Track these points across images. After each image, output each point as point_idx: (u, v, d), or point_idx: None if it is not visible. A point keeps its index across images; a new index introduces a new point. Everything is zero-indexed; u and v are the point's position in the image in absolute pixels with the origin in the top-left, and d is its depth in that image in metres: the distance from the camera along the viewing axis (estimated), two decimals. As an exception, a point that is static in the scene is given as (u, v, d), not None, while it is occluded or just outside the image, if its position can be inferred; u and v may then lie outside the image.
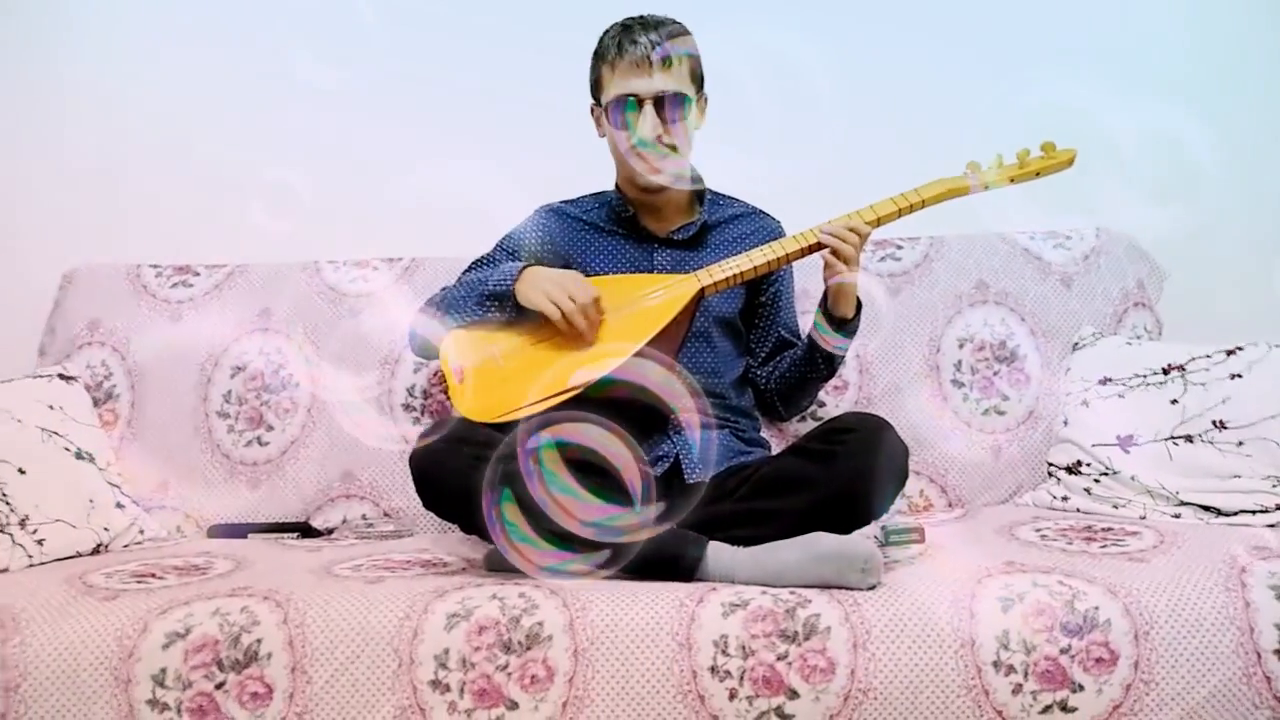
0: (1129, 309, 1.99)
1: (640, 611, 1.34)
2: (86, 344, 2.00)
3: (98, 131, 2.29)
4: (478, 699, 1.31)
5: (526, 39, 2.27)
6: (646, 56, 1.65)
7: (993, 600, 1.34)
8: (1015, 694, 1.30)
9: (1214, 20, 2.30)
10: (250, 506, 1.92)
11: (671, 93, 1.66)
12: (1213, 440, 1.71)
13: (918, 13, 2.30)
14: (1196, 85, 2.24)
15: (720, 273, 1.64)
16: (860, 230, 1.61)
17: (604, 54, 1.70)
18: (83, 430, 1.85)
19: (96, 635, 1.33)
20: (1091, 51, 2.27)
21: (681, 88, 1.68)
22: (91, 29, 2.31)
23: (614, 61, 1.67)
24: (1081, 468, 1.80)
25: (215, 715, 1.31)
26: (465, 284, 1.72)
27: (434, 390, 1.97)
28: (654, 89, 1.66)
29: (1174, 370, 1.79)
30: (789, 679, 1.30)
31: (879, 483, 1.49)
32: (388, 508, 1.90)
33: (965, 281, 2.01)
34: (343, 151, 2.28)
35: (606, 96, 1.69)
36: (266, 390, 1.98)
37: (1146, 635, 1.32)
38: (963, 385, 1.95)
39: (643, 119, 1.66)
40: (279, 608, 1.36)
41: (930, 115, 2.26)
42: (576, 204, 1.84)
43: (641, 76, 1.65)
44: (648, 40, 1.66)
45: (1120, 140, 2.12)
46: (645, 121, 1.65)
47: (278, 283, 2.05)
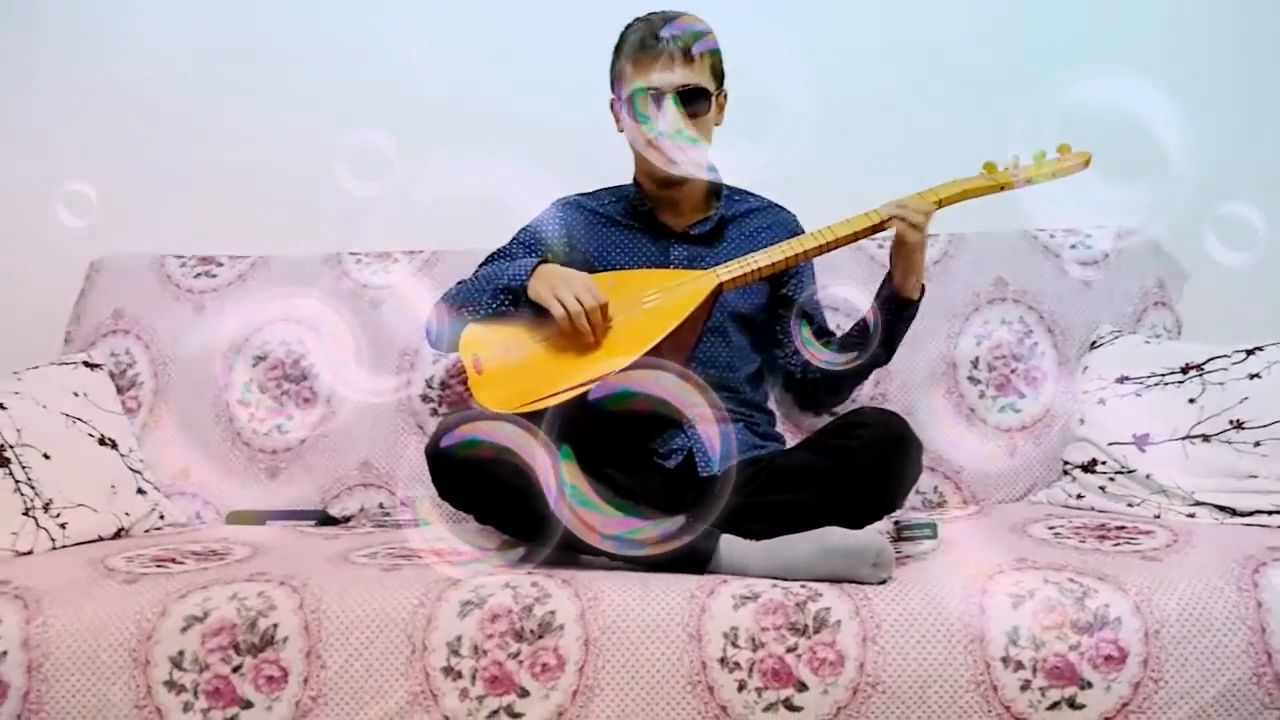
0: (1149, 308, 1.98)
1: (651, 602, 1.35)
2: (111, 332, 2.03)
3: (124, 123, 2.32)
4: (489, 686, 1.33)
5: (547, 30, 2.28)
6: (669, 51, 1.66)
7: (1003, 596, 1.34)
8: (1024, 690, 1.31)
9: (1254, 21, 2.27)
10: (269, 494, 1.94)
11: (693, 86, 1.67)
12: (1230, 440, 1.70)
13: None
14: (1220, 85, 2.22)
15: (739, 269, 1.64)
16: (911, 216, 1.60)
17: (625, 48, 1.71)
18: (106, 417, 1.88)
19: (116, 617, 1.36)
20: (1115, 48, 2.26)
21: (702, 82, 1.68)
22: (124, 22, 2.33)
23: (635, 56, 1.68)
24: (1097, 466, 1.79)
25: (231, 698, 1.33)
26: (481, 278, 1.74)
27: (452, 382, 1.98)
28: (675, 82, 1.66)
29: (1192, 369, 1.78)
30: (798, 671, 1.31)
31: (893, 478, 1.50)
32: (404, 497, 1.92)
33: (984, 279, 2.00)
34: (366, 143, 2.29)
35: (627, 90, 1.70)
36: (287, 380, 2.00)
37: (1157, 634, 1.31)
38: (979, 382, 1.95)
39: (663, 112, 1.66)
40: (295, 593, 1.38)
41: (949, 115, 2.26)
42: (594, 197, 1.85)
43: (663, 70, 1.66)
44: (670, 35, 1.66)
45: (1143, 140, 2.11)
46: (666, 115, 1.66)
47: (300, 274, 2.08)
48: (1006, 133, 1.78)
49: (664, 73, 1.66)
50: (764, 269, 1.64)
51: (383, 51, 2.26)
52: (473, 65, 2.28)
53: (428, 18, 2.30)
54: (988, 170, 1.65)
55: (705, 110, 1.69)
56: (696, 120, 1.68)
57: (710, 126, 1.73)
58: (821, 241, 1.64)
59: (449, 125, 2.29)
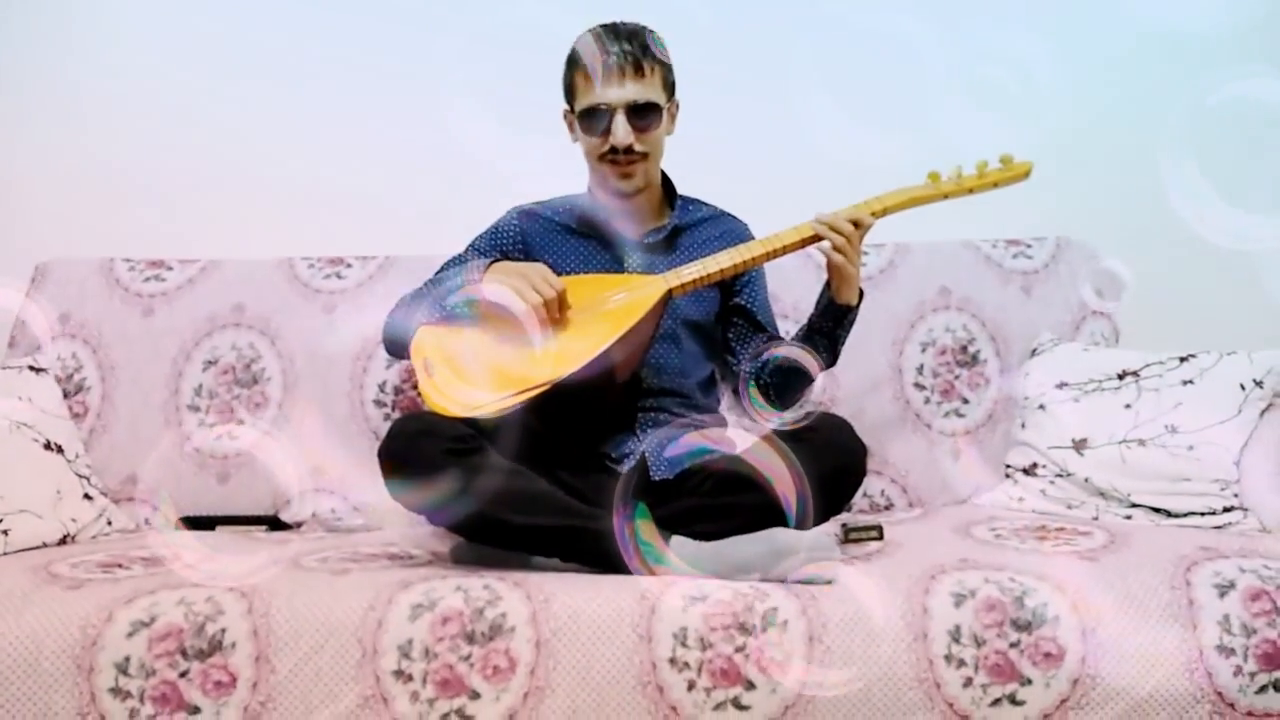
0: (1087, 316, 2.04)
1: (602, 604, 1.36)
2: (58, 336, 2.01)
3: (71, 125, 2.30)
4: (440, 689, 1.33)
5: (505, 39, 2.29)
6: (619, 66, 1.67)
7: (945, 596, 1.38)
8: (966, 687, 1.34)
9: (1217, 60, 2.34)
10: (220, 500, 1.93)
11: (643, 102, 1.69)
12: (1164, 444, 1.75)
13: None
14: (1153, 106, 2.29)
15: (688, 274, 1.67)
16: (863, 221, 1.63)
17: (577, 61, 1.72)
18: (52, 422, 1.86)
19: (60, 623, 1.34)
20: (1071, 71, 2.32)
21: (653, 96, 1.70)
22: (66, 25, 2.31)
23: (587, 70, 1.69)
24: (1038, 470, 1.84)
25: (178, 703, 1.32)
26: (435, 282, 1.74)
27: (405, 386, 1.99)
28: (626, 98, 1.68)
29: (1128, 376, 1.83)
30: (746, 671, 1.33)
31: (838, 481, 1.52)
32: (356, 502, 1.92)
33: (928, 288, 2.05)
34: (320, 148, 2.29)
35: (579, 104, 1.72)
36: (238, 384, 1.99)
37: (1093, 631, 1.35)
38: (924, 388, 1.99)
39: (615, 128, 1.68)
40: (244, 597, 1.37)
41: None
42: (549, 205, 1.86)
43: (613, 86, 1.67)
44: (620, 50, 1.67)
45: (1080, 151, 2.17)
46: (617, 131, 1.68)
47: (251, 278, 2.06)
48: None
49: (614, 88, 1.68)
50: (712, 274, 1.66)
51: (337, 54, 2.27)
52: (428, 71, 2.31)
53: (388, 17, 2.31)
54: (932, 179, 1.69)
55: (656, 125, 1.71)
56: (648, 134, 1.70)
57: (662, 138, 1.75)
58: (769, 249, 1.66)
59: (405, 131, 2.29)
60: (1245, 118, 2.34)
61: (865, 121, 2.29)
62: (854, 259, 1.64)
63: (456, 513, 1.49)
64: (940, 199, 1.68)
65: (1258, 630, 1.35)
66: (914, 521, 1.80)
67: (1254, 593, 1.37)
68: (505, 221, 1.84)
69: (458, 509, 1.49)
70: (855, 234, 1.63)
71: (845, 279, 1.66)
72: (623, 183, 1.73)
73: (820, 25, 2.34)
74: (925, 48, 2.34)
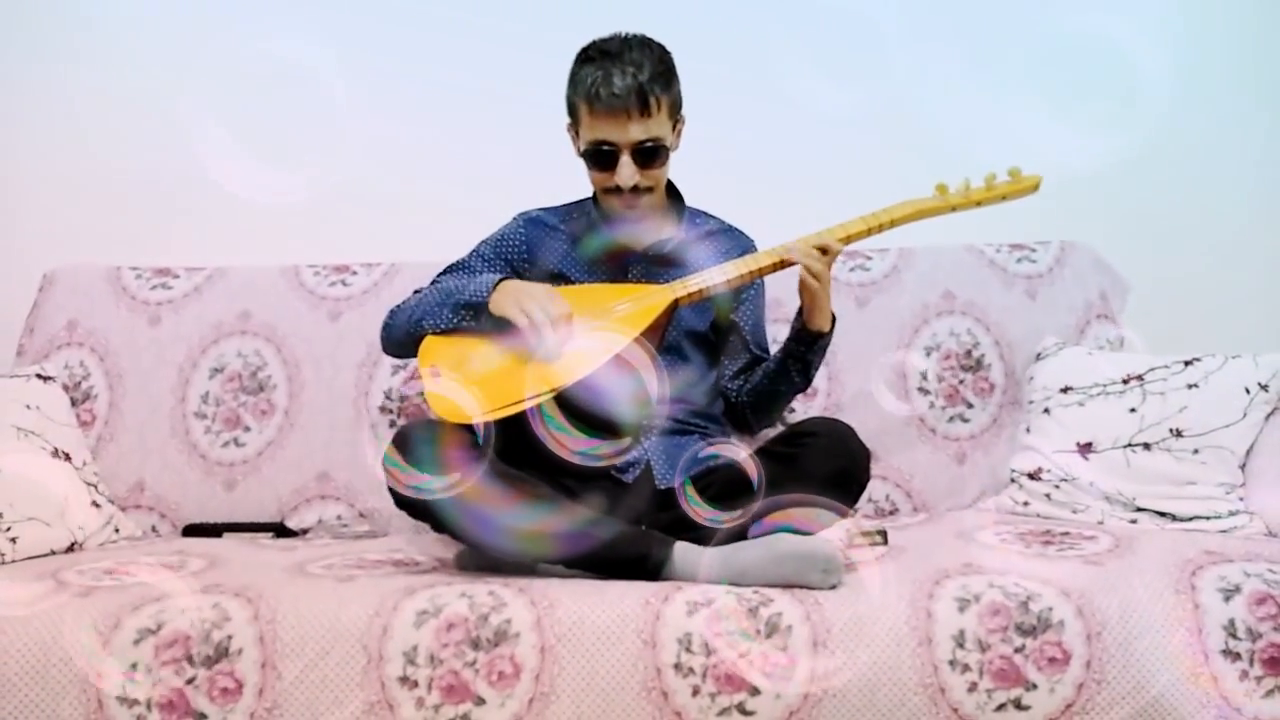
0: (1092, 320, 2.04)
1: (606, 610, 1.37)
2: (65, 344, 2.02)
3: (78, 133, 2.32)
4: (445, 695, 1.33)
5: (513, 41, 2.30)
6: (625, 107, 1.62)
7: (950, 600, 1.38)
8: (971, 692, 1.34)
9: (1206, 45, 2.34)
10: (226, 507, 1.94)
11: (650, 143, 1.66)
12: (1169, 448, 1.75)
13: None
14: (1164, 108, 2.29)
15: (695, 284, 1.67)
16: (831, 248, 1.64)
17: (579, 88, 1.67)
18: (59, 430, 1.87)
19: (67, 630, 1.34)
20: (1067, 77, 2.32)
21: (660, 133, 1.66)
22: (73, 33, 2.33)
23: (591, 102, 1.65)
24: (1042, 474, 1.84)
25: (185, 710, 1.32)
26: (441, 290, 1.74)
27: (410, 393, 1.99)
28: (632, 140, 1.65)
29: (1133, 380, 1.83)
30: (751, 676, 1.33)
31: (839, 486, 1.53)
32: (362, 509, 1.93)
33: (932, 292, 2.05)
34: (328, 154, 2.30)
35: (582, 138, 1.69)
36: (244, 392, 2.00)
37: (1098, 636, 1.35)
38: (929, 393, 1.99)
39: (620, 169, 1.66)
40: (250, 604, 1.38)
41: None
42: (555, 212, 1.86)
43: (619, 124, 1.63)
44: (624, 86, 1.62)
45: (1083, 159, 2.18)
46: (623, 171, 1.66)
47: (257, 285, 2.07)
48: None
49: (619, 128, 1.64)
50: (718, 285, 1.66)
51: (345, 57, 2.28)
52: (436, 73, 2.32)
53: (394, 20, 2.32)
54: (940, 192, 1.69)
55: (663, 161, 1.70)
56: (654, 171, 1.69)
57: (667, 167, 1.73)
58: (774, 260, 1.67)
59: (411, 135, 2.30)
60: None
61: (866, 123, 2.31)
62: (826, 284, 1.65)
63: (460, 520, 1.50)
64: (948, 211, 1.68)
65: (1263, 635, 1.35)
66: (918, 526, 1.80)
67: (1260, 597, 1.37)
68: (511, 229, 1.84)
69: (462, 516, 1.49)
70: (825, 260, 1.63)
71: (817, 305, 1.67)
72: (627, 213, 1.73)
73: (820, 25, 2.35)
74: (928, 49, 2.35)
